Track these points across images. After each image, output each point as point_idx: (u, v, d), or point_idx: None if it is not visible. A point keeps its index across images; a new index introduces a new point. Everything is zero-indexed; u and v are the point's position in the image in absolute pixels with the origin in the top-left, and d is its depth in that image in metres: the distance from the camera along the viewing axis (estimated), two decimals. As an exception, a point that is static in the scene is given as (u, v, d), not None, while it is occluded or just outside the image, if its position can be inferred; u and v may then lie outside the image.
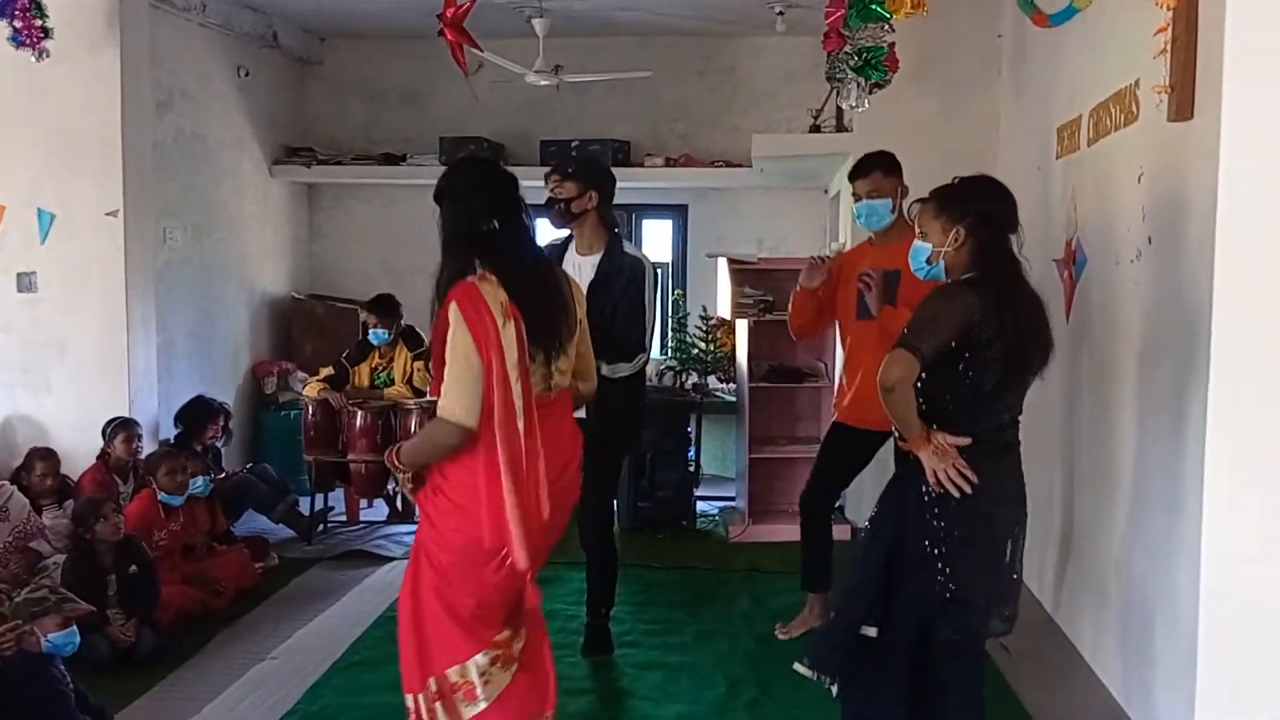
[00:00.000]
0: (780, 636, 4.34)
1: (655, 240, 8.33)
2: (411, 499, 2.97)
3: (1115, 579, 3.61)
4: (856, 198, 4.10)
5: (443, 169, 2.99)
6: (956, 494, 2.73)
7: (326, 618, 4.68)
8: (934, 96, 5.58)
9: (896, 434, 2.87)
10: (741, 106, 7.75)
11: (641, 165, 7.52)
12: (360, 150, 7.91)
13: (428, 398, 6.31)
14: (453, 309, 2.70)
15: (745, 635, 4.43)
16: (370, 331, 6.33)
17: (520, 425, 2.70)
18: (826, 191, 7.60)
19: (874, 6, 4.40)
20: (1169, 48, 2.96)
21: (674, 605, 4.81)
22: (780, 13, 6.34)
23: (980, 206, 2.85)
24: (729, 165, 7.48)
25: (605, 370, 3.65)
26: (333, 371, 6.33)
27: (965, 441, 2.77)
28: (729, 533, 5.96)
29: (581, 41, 7.32)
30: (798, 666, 3.04)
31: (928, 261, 2.92)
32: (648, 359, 3.97)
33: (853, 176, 4.12)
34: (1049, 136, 4.43)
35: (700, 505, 6.38)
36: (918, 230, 3.00)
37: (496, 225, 2.79)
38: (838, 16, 4.54)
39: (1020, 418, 2.96)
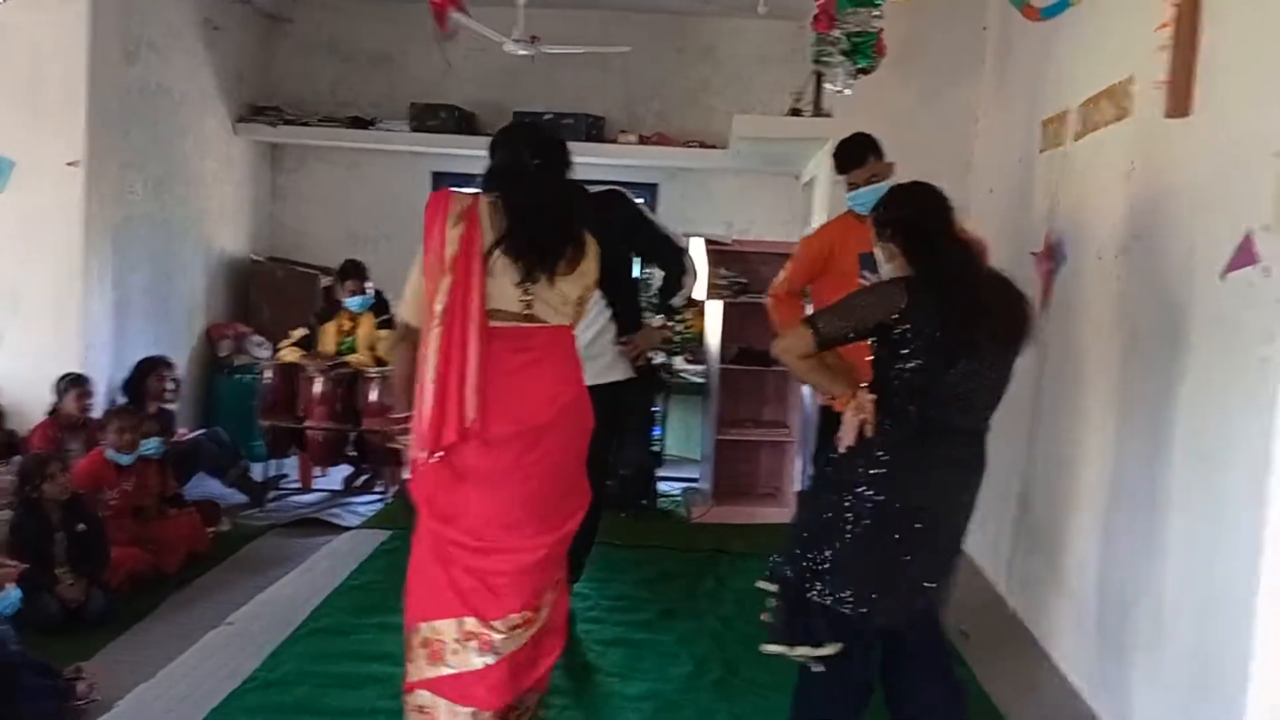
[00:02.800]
0: None
1: (624, 218, 8.25)
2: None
3: (1078, 570, 3.63)
4: (853, 186, 4.06)
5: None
6: (849, 441, 2.72)
7: (283, 585, 4.57)
8: (915, 85, 5.58)
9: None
10: (718, 87, 7.71)
11: (615, 142, 7.46)
12: (327, 112, 7.75)
13: (389, 367, 6.24)
14: None
15: (710, 615, 4.40)
16: (349, 300, 6.21)
17: (435, 320, 2.62)
18: (798, 178, 7.59)
19: (867, -10, 4.38)
20: (1171, 44, 2.96)
21: (637, 583, 4.77)
22: (763, -6, 6.30)
23: (893, 214, 2.88)
24: (703, 146, 7.45)
25: None
26: (306, 332, 6.23)
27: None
28: (691, 513, 5.94)
29: (560, 13, 7.22)
30: (768, 648, 2.92)
31: None
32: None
33: (846, 168, 4.08)
34: (1033, 130, 4.42)
35: (660, 485, 6.35)
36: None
37: (537, 162, 2.78)
38: (829, -1, 4.51)
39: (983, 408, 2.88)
